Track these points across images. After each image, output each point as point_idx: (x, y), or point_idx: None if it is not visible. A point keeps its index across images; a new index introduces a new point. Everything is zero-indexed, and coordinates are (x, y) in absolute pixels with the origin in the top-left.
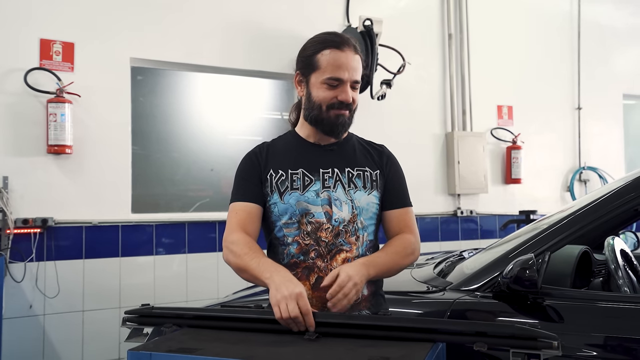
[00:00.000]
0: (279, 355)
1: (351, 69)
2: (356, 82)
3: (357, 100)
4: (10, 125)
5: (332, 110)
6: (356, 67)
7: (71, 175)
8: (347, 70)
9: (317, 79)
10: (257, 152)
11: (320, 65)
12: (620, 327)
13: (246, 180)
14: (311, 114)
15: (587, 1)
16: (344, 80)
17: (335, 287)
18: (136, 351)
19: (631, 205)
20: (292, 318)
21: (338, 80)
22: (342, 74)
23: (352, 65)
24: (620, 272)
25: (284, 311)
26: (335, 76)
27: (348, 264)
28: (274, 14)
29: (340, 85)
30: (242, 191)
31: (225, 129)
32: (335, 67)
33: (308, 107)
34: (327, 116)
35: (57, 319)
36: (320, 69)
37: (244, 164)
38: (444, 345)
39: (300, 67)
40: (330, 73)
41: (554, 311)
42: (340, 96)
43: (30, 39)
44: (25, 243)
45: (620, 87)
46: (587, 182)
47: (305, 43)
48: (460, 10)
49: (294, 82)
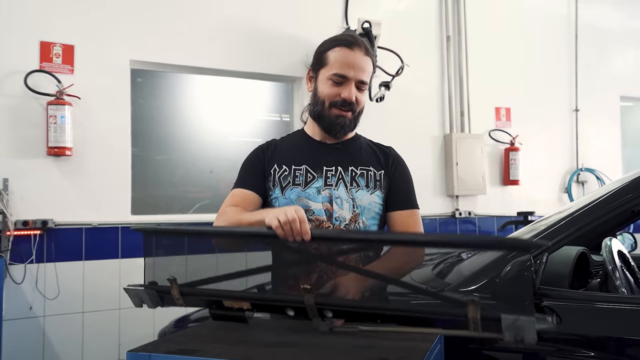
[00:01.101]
0: (278, 356)
1: (358, 68)
2: (362, 83)
3: (363, 103)
4: (10, 127)
5: (334, 108)
6: (364, 67)
7: (71, 177)
8: (353, 69)
9: (325, 74)
10: (265, 147)
11: (329, 61)
12: (617, 327)
13: (249, 171)
14: (315, 109)
15: (584, 3)
16: (349, 78)
17: None
18: (135, 352)
19: (628, 207)
20: (290, 222)
21: (343, 77)
22: (347, 72)
23: (359, 64)
24: (617, 273)
25: (282, 217)
26: (340, 73)
27: (346, 277)
28: (274, 16)
29: (346, 83)
30: (243, 180)
31: (224, 131)
32: (343, 64)
33: (313, 102)
34: (328, 113)
35: (57, 321)
36: (328, 64)
37: (250, 156)
38: (442, 345)
39: (312, 63)
40: (336, 69)
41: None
42: (344, 93)
43: (31, 42)
44: (25, 245)
45: (618, 89)
46: (584, 184)
47: (322, 41)
48: (458, 13)
49: (306, 79)
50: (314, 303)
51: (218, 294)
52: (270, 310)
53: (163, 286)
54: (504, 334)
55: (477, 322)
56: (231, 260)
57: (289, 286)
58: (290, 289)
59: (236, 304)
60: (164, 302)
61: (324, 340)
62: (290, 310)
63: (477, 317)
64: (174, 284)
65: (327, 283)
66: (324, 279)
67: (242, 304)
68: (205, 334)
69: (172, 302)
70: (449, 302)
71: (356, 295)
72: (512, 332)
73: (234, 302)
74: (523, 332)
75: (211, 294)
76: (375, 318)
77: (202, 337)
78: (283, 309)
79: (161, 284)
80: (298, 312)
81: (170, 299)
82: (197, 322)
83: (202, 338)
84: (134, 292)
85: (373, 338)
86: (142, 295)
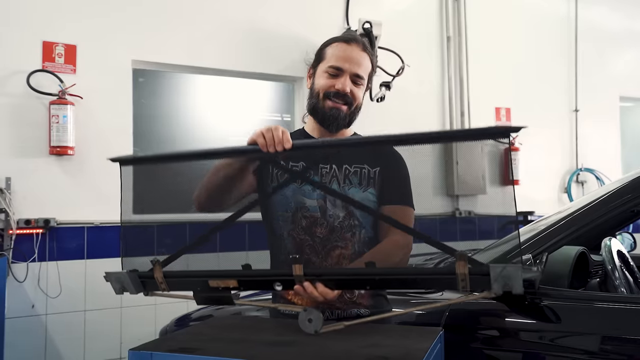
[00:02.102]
0: (278, 355)
1: (353, 61)
2: (358, 77)
3: (359, 99)
4: (13, 126)
5: (328, 100)
6: (360, 61)
7: (73, 176)
8: (348, 62)
9: (321, 68)
10: None
11: (326, 56)
12: (616, 327)
13: None
14: (310, 102)
15: (583, 4)
16: (344, 70)
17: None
18: (137, 351)
19: (628, 207)
20: (272, 129)
21: (338, 69)
22: (342, 64)
23: (355, 58)
24: (617, 273)
25: (263, 129)
26: (335, 65)
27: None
28: (275, 16)
29: (340, 75)
30: None
31: (225, 131)
32: (338, 57)
33: (310, 97)
34: (322, 105)
35: (59, 319)
36: (325, 59)
37: None
38: (442, 345)
39: (313, 61)
40: (332, 62)
41: (552, 311)
42: (337, 85)
43: (33, 41)
44: (27, 243)
45: (617, 89)
46: (584, 184)
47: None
48: (458, 13)
49: (306, 77)
50: (302, 274)
51: (203, 274)
52: (258, 286)
53: (145, 272)
54: (492, 287)
55: (465, 279)
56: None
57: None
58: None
59: (222, 284)
60: (146, 288)
61: (324, 340)
62: (278, 284)
63: (466, 272)
64: (157, 265)
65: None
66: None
67: (228, 282)
68: (206, 332)
69: (155, 287)
70: (440, 248)
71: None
72: (500, 283)
73: (219, 281)
74: (510, 281)
75: (196, 275)
76: (365, 284)
77: (203, 335)
78: (271, 284)
79: (141, 254)
80: (286, 286)
81: (153, 283)
82: (198, 320)
83: (203, 337)
84: (115, 277)
85: (373, 337)
86: (123, 279)
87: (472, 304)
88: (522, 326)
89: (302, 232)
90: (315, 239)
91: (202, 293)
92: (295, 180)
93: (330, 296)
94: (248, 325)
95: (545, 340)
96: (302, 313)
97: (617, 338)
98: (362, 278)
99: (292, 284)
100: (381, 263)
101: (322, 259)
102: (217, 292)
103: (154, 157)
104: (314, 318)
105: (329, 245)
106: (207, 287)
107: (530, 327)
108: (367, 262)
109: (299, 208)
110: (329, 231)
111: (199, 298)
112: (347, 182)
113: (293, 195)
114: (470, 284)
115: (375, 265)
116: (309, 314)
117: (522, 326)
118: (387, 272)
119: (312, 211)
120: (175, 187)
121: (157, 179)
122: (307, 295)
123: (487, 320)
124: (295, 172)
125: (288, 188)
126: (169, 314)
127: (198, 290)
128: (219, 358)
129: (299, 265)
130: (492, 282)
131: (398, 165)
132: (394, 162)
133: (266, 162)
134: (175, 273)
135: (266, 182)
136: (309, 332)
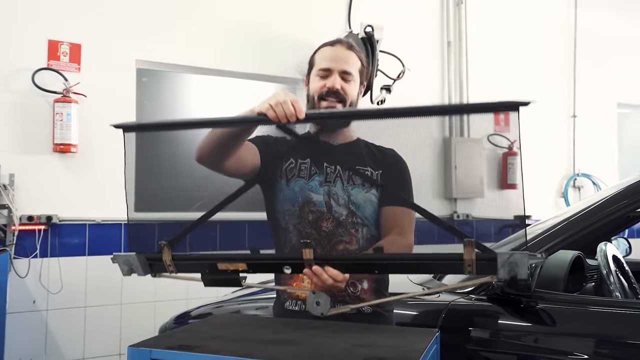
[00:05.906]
0: (277, 353)
1: (339, 59)
2: (346, 73)
3: (352, 95)
4: (17, 123)
5: (322, 101)
6: (345, 58)
7: (76, 173)
8: (335, 61)
9: (313, 74)
10: (276, 136)
11: (315, 61)
12: (611, 331)
13: (258, 135)
14: (308, 107)
15: (583, 11)
16: (332, 69)
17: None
18: (136, 347)
19: (624, 212)
20: (282, 103)
21: (327, 70)
22: (329, 64)
23: (340, 56)
24: (612, 278)
25: (272, 100)
26: (323, 66)
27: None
28: (278, 19)
29: (330, 75)
30: None
31: None
32: (324, 59)
33: (307, 102)
34: (318, 107)
35: (60, 315)
36: (315, 64)
37: (260, 133)
38: (438, 346)
39: (307, 70)
40: (320, 65)
41: (547, 315)
42: (328, 83)
43: (39, 40)
44: (29, 239)
45: (615, 96)
46: (581, 189)
47: None
48: (459, 19)
49: (305, 86)
50: (312, 257)
51: (211, 257)
52: (267, 269)
53: (153, 254)
54: (498, 272)
55: (472, 264)
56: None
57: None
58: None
59: (231, 266)
60: (154, 270)
61: (323, 339)
62: (287, 267)
63: (473, 257)
64: (166, 247)
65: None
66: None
67: (237, 265)
68: (206, 330)
69: (163, 269)
70: (451, 231)
71: None
72: (507, 269)
73: (229, 264)
74: (517, 267)
75: (204, 258)
76: (373, 268)
77: (202, 333)
78: (280, 267)
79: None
80: (295, 269)
81: (161, 265)
82: (197, 318)
83: (202, 334)
84: (123, 259)
85: (369, 338)
86: (132, 261)
87: (468, 306)
88: (518, 329)
89: (308, 226)
90: (321, 232)
91: (210, 275)
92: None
93: (339, 278)
94: (247, 323)
95: (540, 343)
96: (310, 295)
97: (611, 342)
98: (370, 262)
99: (301, 267)
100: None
101: (327, 253)
102: (225, 274)
103: (157, 124)
104: (322, 301)
105: (335, 239)
106: (215, 269)
107: (525, 329)
108: (375, 248)
109: (306, 203)
110: (335, 226)
111: (206, 280)
112: (351, 183)
113: (300, 190)
114: (476, 269)
115: (383, 250)
116: (318, 296)
117: (517, 329)
118: (394, 257)
119: (318, 206)
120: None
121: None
122: (317, 279)
123: (482, 322)
124: (303, 137)
125: (296, 184)
126: (168, 311)
127: (206, 273)
128: (218, 356)
129: (308, 250)
130: (498, 268)
131: (400, 170)
132: (397, 166)
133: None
134: (183, 256)
135: (274, 177)
136: (316, 314)
